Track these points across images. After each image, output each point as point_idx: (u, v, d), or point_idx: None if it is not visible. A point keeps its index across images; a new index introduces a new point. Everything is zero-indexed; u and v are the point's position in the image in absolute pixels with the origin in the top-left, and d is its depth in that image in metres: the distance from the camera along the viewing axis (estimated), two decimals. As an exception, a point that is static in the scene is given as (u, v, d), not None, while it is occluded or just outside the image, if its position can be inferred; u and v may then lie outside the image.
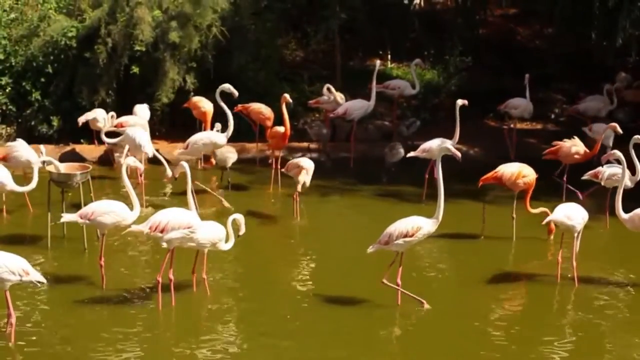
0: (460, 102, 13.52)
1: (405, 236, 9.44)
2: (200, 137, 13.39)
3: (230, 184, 14.20)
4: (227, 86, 13.46)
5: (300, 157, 13.52)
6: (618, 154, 11.13)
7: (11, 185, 11.09)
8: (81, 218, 9.88)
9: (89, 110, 15.31)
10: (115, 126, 14.46)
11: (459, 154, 9.60)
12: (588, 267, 10.62)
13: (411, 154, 13.84)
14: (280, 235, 12.39)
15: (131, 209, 9.96)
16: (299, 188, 12.42)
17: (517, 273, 10.89)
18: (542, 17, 20.07)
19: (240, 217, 9.87)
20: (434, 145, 13.46)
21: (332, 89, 16.11)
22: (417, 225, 9.48)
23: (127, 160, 10.17)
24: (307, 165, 12.50)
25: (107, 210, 9.87)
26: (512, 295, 10.31)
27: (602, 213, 12.34)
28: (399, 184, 14.60)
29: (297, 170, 12.50)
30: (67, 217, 10.03)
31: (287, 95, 13.71)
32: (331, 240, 12.24)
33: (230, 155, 14.06)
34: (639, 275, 10.73)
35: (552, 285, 10.37)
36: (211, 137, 13.32)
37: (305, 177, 12.42)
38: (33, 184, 11.06)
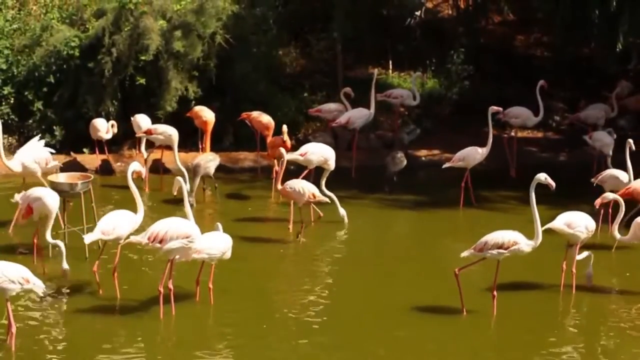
0: (493, 109, 13.57)
1: (500, 247, 9.45)
2: (320, 149, 13.02)
3: (217, 190, 14.26)
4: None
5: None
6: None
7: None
8: (104, 235, 9.86)
9: (93, 118, 15.36)
10: (144, 132, 14.61)
11: (553, 184, 9.66)
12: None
13: (447, 164, 13.91)
14: (284, 245, 12.36)
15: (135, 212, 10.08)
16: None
17: (522, 281, 10.86)
18: (542, 24, 20.10)
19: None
20: (470, 153, 13.66)
21: (348, 93, 16.16)
22: (514, 240, 9.50)
23: (132, 165, 10.26)
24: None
25: (126, 220, 9.95)
26: (516, 302, 10.29)
27: (604, 222, 12.35)
28: (401, 193, 14.61)
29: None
30: (90, 237, 9.87)
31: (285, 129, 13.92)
32: (336, 250, 12.24)
33: (211, 164, 13.94)
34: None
35: (556, 294, 10.39)
36: (325, 153, 12.98)
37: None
38: None
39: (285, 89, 17.56)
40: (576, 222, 10.29)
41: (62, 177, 11.48)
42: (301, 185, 12.14)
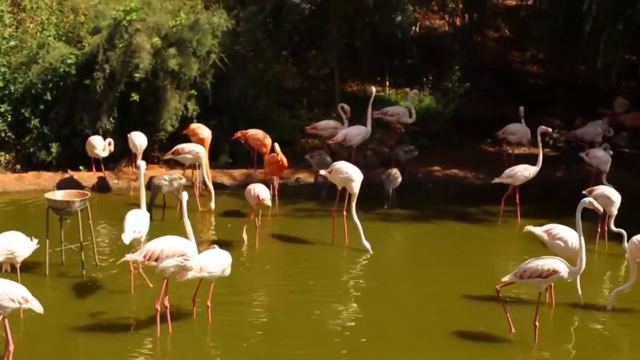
0: (542, 128, 13.61)
1: (539, 276, 9.19)
2: (346, 169, 12.74)
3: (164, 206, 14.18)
4: None
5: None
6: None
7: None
8: (135, 233, 10.54)
9: (89, 136, 15.36)
10: (172, 153, 14.60)
11: (600, 208, 9.45)
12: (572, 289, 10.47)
13: (496, 180, 13.93)
14: (282, 261, 12.35)
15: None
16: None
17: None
18: (538, 42, 20.19)
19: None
20: (518, 171, 13.67)
21: (346, 108, 16.19)
22: (553, 269, 9.17)
23: (141, 164, 11.15)
24: None
25: (145, 219, 10.80)
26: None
27: (593, 236, 12.34)
28: (399, 210, 14.60)
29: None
30: (127, 236, 10.42)
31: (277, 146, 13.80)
32: (330, 267, 12.19)
33: (163, 182, 13.78)
34: (623, 299, 10.65)
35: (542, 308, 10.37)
36: (350, 174, 12.62)
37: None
38: None
39: (283, 106, 17.56)
40: (558, 234, 10.19)
41: (59, 195, 11.44)
42: (254, 188, 12.55)
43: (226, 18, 16.36)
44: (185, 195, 9.95)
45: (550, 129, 14.03)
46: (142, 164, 11.32)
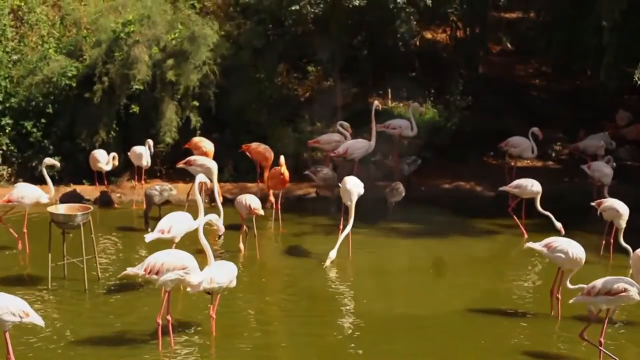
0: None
1: (608, 293, 9.02)
2: (348, 184, 12.74)
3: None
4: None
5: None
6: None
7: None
8: (161, 233, 10.93)
9: (90, 150, 15.37)
10: (184, 163, 14.54)
11: None
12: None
13: (502, 188, 13.91)
14: (287, 276, 12.33)
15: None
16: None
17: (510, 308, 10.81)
18: (540, 55, 20.19)
19: (214, 217, 10.08)
20: (527, 183, 13.63)
21: (345, 125, 16.17)
22: (623, 287, 8.98)
23: (199, 177, 11.07)
24: None
25: (183, 221, 11.09)
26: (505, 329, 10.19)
27: (598, 248, 12.33)
28: (401, 224, 14.58)
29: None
30: (150, 236, 10.86)
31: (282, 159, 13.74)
32: (329, 283, 12.14)
33: (154, 193, 13.97)
34: (630, 312, 10.62)
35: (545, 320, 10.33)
36: (347, 188, 12.62)
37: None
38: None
39: (285, 119, 17.54)
40: (558, 247, 10.07)
41: (62, 209, 11.44)
42: (245, 198, 12.73)
43: (217, 30, 16.36)
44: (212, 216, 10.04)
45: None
46: (200, 176, 11.19)
